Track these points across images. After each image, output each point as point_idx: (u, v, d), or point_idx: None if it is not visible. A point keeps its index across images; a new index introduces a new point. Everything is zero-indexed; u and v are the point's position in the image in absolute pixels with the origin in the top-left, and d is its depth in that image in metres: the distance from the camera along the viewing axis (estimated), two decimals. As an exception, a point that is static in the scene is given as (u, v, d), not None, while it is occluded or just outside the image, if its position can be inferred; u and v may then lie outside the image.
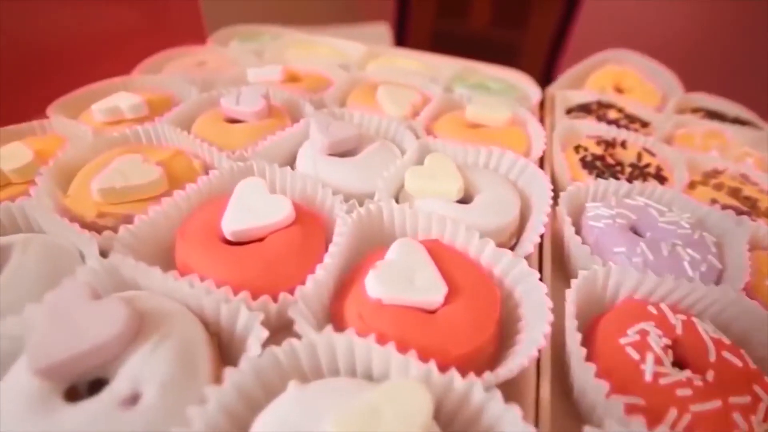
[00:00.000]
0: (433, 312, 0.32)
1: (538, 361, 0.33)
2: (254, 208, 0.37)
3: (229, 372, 0.26)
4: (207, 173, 0.45)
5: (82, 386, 0.27)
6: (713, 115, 0.66)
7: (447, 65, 0.75)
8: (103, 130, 0.50)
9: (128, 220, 0.39)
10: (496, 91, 0.67)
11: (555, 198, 0.44)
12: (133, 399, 0.25)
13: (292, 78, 0.64)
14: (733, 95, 0.70)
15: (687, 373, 0.30)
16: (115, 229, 0.36)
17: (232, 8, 1.25)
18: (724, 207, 0.44)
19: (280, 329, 0.32)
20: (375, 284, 0.31)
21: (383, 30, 1.99)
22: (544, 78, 0.79)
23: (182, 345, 0.28)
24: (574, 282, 0.35)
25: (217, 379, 0.28)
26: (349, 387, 0.26)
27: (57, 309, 0.27)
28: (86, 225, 0.39)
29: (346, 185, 0.44)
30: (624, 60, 0.77)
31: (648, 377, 0.29)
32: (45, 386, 0.25)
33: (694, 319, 0.33)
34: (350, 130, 0.48)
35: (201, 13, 1.01)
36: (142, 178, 0.39)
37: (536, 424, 0.31)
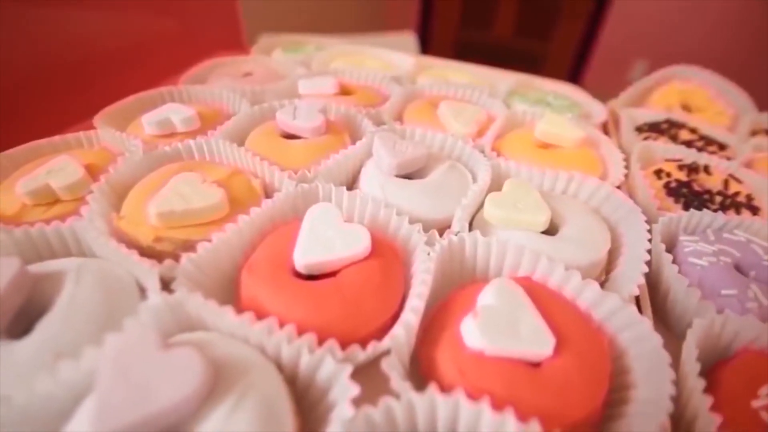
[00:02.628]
0: (537, 365, 0.28)
1: None
2: (328, 238, 0.33)
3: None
4: (266, 194, 0.42)
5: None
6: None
7: (501, 79, 0.72)
8: (153, 144, 0.47)
9: (186, 245, 0.36)
10: (558, 108, 0.63)
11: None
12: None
13: (345, 91, 0.61)
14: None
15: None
16: (174, 257, 0.33)
17: (264, 16, 1.23)
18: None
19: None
20: (477, 334, 0.27)
21: (410, 39, 1.97)
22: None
23: (264, 403, 0.24)
24: (690, 333, 0.31)
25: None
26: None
27: (122, 360, 0.24)
28: (141, 250, 0.35)
29: (416, 210, 0.40)
30: (690, 77, 0.72)
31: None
32: (112, 450, 0.22)
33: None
34: (419, 149, 0.44)
35: (239, 20, 0.99)
36: (203, 200, 0.36)
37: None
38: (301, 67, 0.70)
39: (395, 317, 0.32)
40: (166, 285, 0.32)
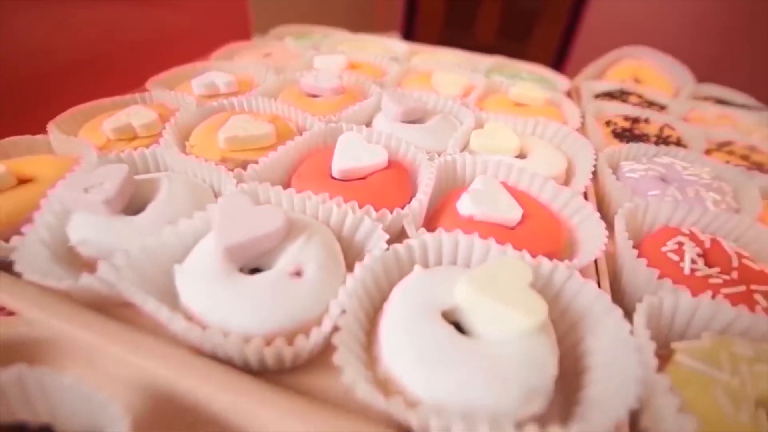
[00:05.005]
0: (512, 229, 0.40)
1: (596, 266, 0.41)
2: (357, 153, 0.44)
3: (367, 257, 0.33)
4: (301, 135, 0.53)
5: (245, 272, 0.35)
6: (722, 102, 0.75)
7: (482, 60, 0.84)
8: (202, 101, 0.58)
9: (244, 164, 0.46)
10: (529, 80, 0.76)
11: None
12: (297, 274, 0.33)
13: (352, 67, 0.73)
14: (734, 86, 0.80)
15: (716, 270, 0.37)
16: (243, 167, 0.44)
17: (265, 16, 1.34)
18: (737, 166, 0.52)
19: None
20: (469, 204, 0.39)
21: (395, 39, 2.09)
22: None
23: (325, 242, 0.35)
24: (620, 210, 0.42)
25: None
26: (460, 270, 0.34)
27: (229, 210, 0.35)
28: (210, 169, 0.46)
29: (418, 144, 0.51)
30: (640, 55, 0.86)
31: (686, 271, 0.37)
32: (225, 265, 0.32)
33: (719, 238, 0.41)
34: (418, 102, 0.56)
35: (248, 17, 1.10)
36: (258, 130, 0.47)
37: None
38: (312, 50, 0.82)
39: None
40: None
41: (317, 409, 0.27)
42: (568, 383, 0.32)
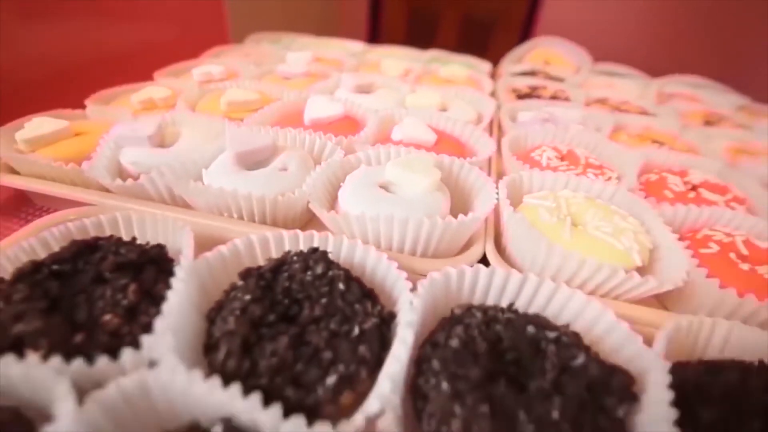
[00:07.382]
0: (429, 148, 0.57)
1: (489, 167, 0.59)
2: (322, 108, 0.62)
3: (329, 159, 0.51)
4: (279, 102, 0.70)
5: (247, 178, 0.51)
6: (611, 74, 0.96)
7: (422, 54, 1.04)
8: (201, 86, 0.75)
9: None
10: (458, 65, 0.95)
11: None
12: (284, 169, 0.50)
13: (318, 60, 0.91)
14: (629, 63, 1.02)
15: (566, 163, 0.56)
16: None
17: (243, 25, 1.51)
18: (603, 112, 0.72)
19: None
20: (398, 131, 0.57)
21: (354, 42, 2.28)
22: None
23: (303, 157, 0.52)
24: (506, 137, 0.61)
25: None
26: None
27: (236, 134, 0.52)
28: (214, 126, 0.63)
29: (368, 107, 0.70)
30: (550, 44, 1.07)
31: (544, 164, 0.55)
32: (235, 167, 0.49)
33: (575, 148, 0.60)
34: (369, 79, 0.74)
35: (225, 26, 1.28)
36: (250, 96, 0.65)
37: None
38: (284, 50, 1.00)
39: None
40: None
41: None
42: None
